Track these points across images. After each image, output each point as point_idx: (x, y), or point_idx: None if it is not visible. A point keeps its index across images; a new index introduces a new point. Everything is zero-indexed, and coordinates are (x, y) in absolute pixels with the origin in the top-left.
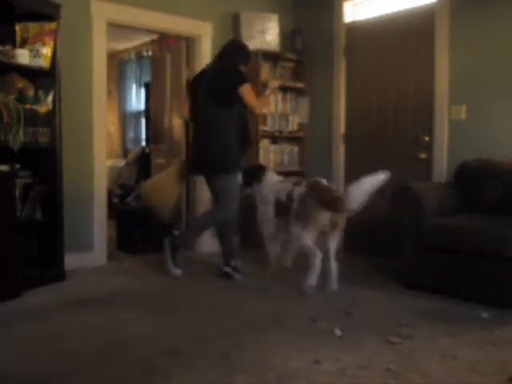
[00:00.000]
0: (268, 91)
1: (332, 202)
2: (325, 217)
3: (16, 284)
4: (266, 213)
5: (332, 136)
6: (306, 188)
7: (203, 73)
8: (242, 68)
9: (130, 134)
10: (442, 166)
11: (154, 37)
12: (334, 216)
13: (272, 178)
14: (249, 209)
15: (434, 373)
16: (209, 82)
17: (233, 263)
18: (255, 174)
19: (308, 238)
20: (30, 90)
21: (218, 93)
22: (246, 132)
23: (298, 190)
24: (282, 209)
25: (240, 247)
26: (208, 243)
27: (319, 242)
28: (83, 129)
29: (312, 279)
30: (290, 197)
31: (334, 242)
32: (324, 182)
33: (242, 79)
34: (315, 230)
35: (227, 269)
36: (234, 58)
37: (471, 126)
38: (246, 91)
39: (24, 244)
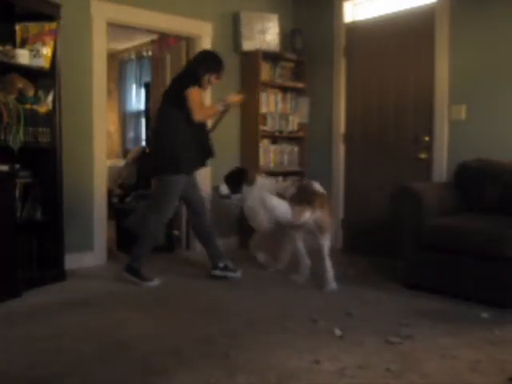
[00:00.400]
0: (220, 105)
1: (310, 201)
2: (305, 216)
3: (16, 284)
4: (261, 213)
5: (332, 136)
6: (296, 189)
7: None
8: (213, 78)
9: (130, 134)
10: (442, 165)
11: (154, 37)
12: (316, 218)
13: (264, 181)
14: None
15: (434, 373)
16: (170, 83)
17: (221, 264)
18: (241, 177)
19: (296, 237)
20: (30, 90)
21: (170, 93)
22: (205, 141)
23: (290, 191)
24: None
25: (241, 248)
26: None
27: (312, 243)
28: (83, 129)
29: (302, 278)
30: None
31: (325, 243)
32: (316, 185)
33: (191, 82)
34: (301, 230)
35: (216, 272)
36: (197, 63)
37: (471, 126)
38: (191, 95)
39: (24, 244)
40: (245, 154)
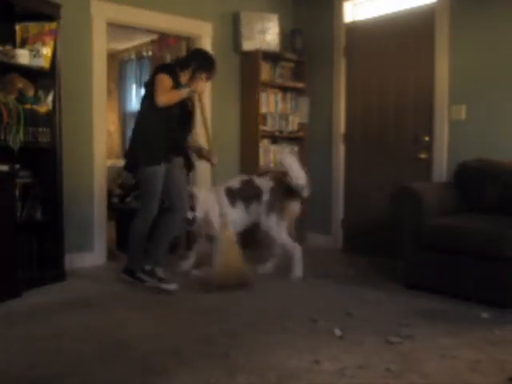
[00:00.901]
0: (185, 90)
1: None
2: (295, 207)
3: (16, 284)
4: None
5: (332, 136)
6: (275, 181)
7: None
8: (203, 76)
9: (130, 134)
10: (442, 165)
11: (154, 37)
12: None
13: (202, 191)
14: None
15: (434, 373)
16: None
17: (147, 267)
18: None
19: (284, 233)
20: (30, 90)
21: (148, 83)
22: (172, 136)
23: (266, 183)
24: (248, 197)
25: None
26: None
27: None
28: (83, 129)
29: (299, 271)
30: (251, 184)
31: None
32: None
33: (162, 69)
34: (288, 222)
35: (139, 275)
36: (189, 59)
37: (471, 126)
38: (158, 80)
39: (24, 244)
40: (245, 154)
